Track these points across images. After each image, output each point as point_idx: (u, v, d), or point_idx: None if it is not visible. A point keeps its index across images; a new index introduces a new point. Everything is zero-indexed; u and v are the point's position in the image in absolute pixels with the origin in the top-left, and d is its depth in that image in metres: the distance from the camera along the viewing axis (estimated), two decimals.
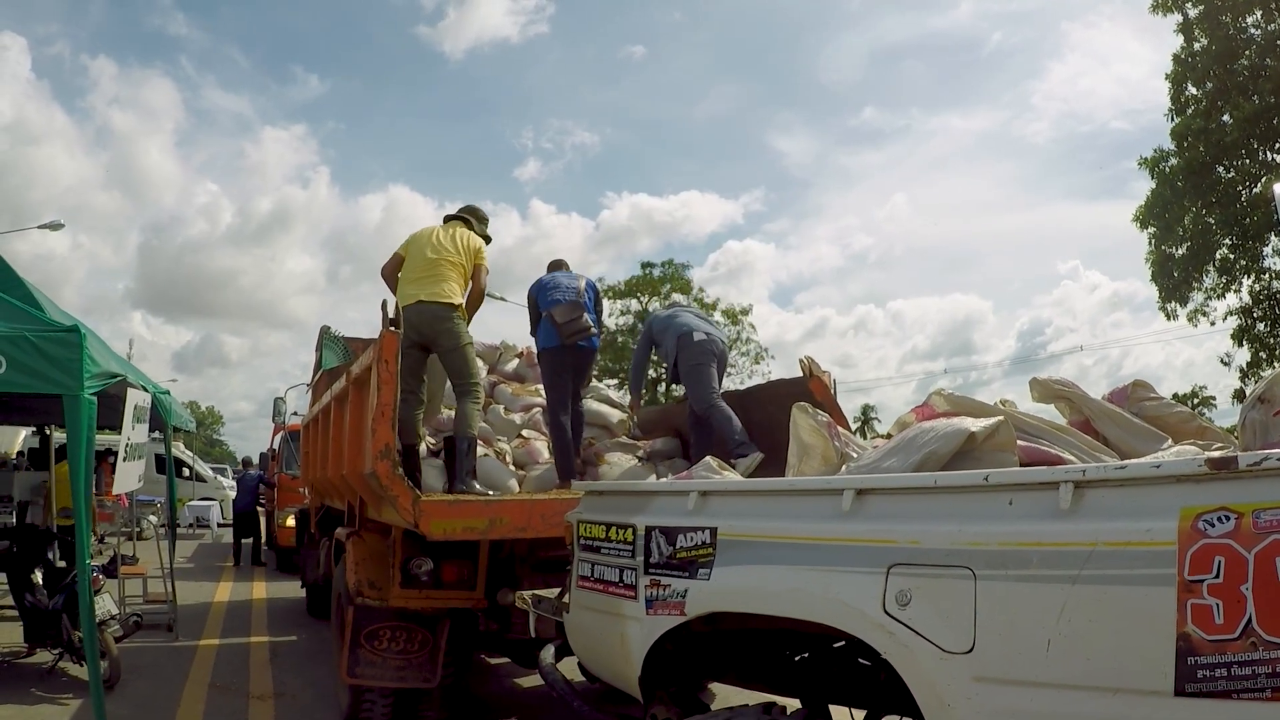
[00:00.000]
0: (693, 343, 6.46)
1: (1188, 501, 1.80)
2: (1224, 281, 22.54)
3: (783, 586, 2.51)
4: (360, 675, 5.22)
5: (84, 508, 5.88)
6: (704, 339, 6.50)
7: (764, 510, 2.72)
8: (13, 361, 5.39)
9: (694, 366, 6.42)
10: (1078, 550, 1.90)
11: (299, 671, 7.75)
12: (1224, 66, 21.29)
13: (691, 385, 6.45)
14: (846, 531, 2.39)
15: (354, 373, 5.59)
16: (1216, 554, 1.73)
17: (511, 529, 4.70)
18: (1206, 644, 1.72)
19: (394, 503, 4.56)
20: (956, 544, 2.12)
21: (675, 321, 6.71)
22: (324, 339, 9.64)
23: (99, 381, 5.88)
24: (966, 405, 3.14)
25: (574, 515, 3.59)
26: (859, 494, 2.41)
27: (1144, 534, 1.82)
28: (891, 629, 2.22)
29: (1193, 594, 1.75)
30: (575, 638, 3.58)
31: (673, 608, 2.87)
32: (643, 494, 3.29)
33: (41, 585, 7.24)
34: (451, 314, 5.73)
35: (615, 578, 3.15)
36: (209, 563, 16.79)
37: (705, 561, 2.78)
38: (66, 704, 6.49)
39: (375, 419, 4.62)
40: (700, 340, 6.48)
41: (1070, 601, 1.90)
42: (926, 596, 2.17)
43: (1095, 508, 1.93)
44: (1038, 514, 2.01)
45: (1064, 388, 3.49)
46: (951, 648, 2.09)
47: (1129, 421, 3.33)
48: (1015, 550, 2.01)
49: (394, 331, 4.77)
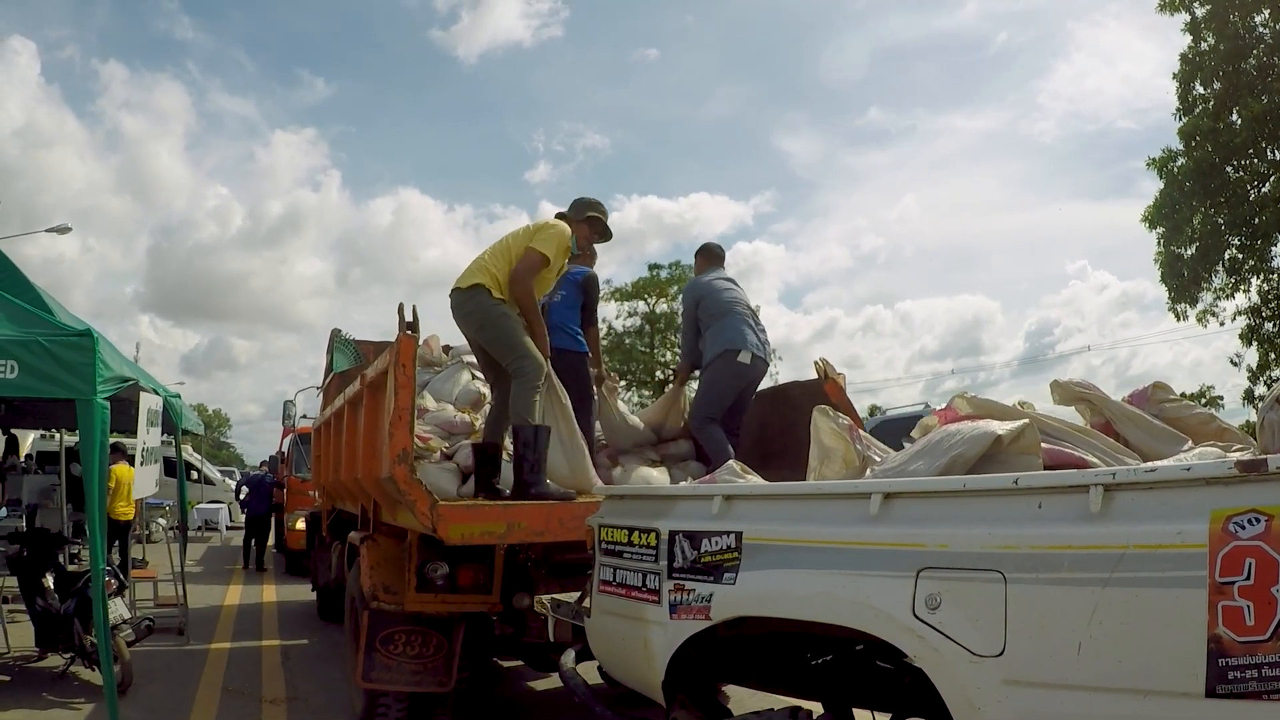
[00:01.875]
0: (734, 363, 6.28)
1: (1218, 504, 1.81)
2: (1233, 282, 22.54)
3: (811, 590, 2.52)
4: (375, 679, 5.22)
5: (97, 512, 5.89)
6: (744, 366, 6.30)
7: (791, 514, 2.72)
8: (26, 366, 5.44)
9: (715, 380, 6.35)
10: (1109, 553, 1.91)
11: (311, 675, 7.78)
12: (1232, 66, 21.23)
13: (700, 395, 6.41)
14: (875, 535, 2.39)
15: (369, 376, 5.59)
16: (1247, 556, 1.74)
17: (529, 533, 4.70)
18: (1238, 645, 1.73)
19: (411, 507, 4.56)
20: (986, 547, 2.13)
21: (727, 325, 6.42)
22: (334, 342, 9.72)
23: (111, 386, 5.91)
24: (990, 408, 3.15)
25: (595, 519, 3.59)
26: (887, 497, 2.42)
27: (1175, 536, 1.83)
28: (921, 633, 2.22)
29: (1224, 596, 1.75)
30: (597, 642, 3.58)
31: (697, 612, 2.88)
32: (666, 498, 3.29)
33: (53, 589, 7.26)
34: (464, 299, 5.40)
35: (638, 582, 3.15)
36: (218, 566, 16.85)
37: (731, 566, 2.78)
38: (79, 708, 6.50)
39: (392, 423, 4.62)
40: (741, 366, 6.30)
41: (1101, 604, 1.90)
42: (956, 600, 2.17)
43: (1125, 510, 1.94)
44: (1068, 517, 2.01)
45: (1085, 390, 3.51)
46: (982, 651, 2.10)
47: (1150, 424, 3.35)
48: (1046, 553, 2.02)
49: (411, 335, 4.77)
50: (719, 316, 6.46)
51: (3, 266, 6.51)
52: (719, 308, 6.49)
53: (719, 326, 6.42)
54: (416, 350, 4.81)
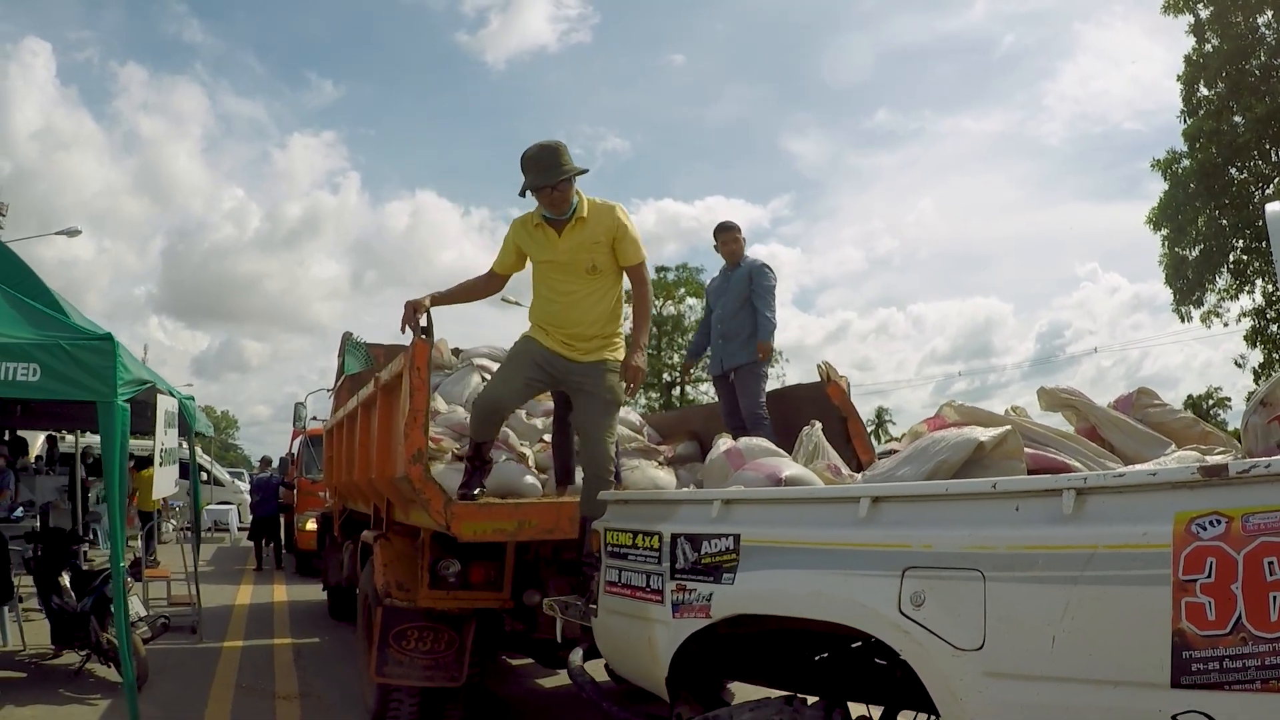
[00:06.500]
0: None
1: (1182, 506, 1.91)
2: (1237, 283, 22.56)
3: (804, 590, 2.63)
4: (389, 674, 5.32)
5: (118, 511, 6.02)
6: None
7: (785, 518, 2.83)
8: (48, 369, 5.53)
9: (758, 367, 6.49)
10: (1080, 553, 2.01)
11: (323, 672, 7.87)
12: (1235, 67, 21.30)
13: (752, 385, 6.48)
14: (863, 537, 2.50)
15: (383, 379, 5.70)
16: (1208, 555, 1.84)
17: (540, 531, 4.80)
18: (1200, 639, 1.83)
19: (426, 506, 4.67)
20: (967, 548, 2.23)
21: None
22: (346, 345, 9.81)
23: (131, 388, 6.01)
24: (976, 415, 3.28)
25: (601, 523, 3.71)
26: (875, 501, 2.52)
27: (1141, 537, 1.94)
28: (907, 628, 2.33)
29: (1187, 593, 1.86)
30: (603, 641, 3.69)
31: (698, 611, 2.99)
32: (667, 503, 3.41)
33: (69, 587, 7.33)
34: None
35: (642, 583, 3.27)
36: (229, 566, 16.94)
37: (730, 566, 2.89)
38: (96, 704, 6.59)
39: (408, 424, 4.73)
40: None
41: (1073, 601, 2.01)
42: (939, 597, 2.28)
43: (1096, 513, 2.04)
44: (1042, 519, 2.12)
45: (1070, 396, 3.63)
46: (963, 645, 2.20)
47: (1133, 428, 3.46)
48: (1022, 553, 2.12)
49: (425, 340, 4.87)
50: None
51: (19, 270, 6.56)
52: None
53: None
54: (431, 354, 4.91)
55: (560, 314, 4.82)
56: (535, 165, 4.64)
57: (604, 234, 4.74)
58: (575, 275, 4.79)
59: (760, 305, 6.53)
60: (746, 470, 3.45)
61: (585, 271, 4.77)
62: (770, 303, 6.55)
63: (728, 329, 6.67)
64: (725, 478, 3.52)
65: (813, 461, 3.64)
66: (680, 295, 40.77)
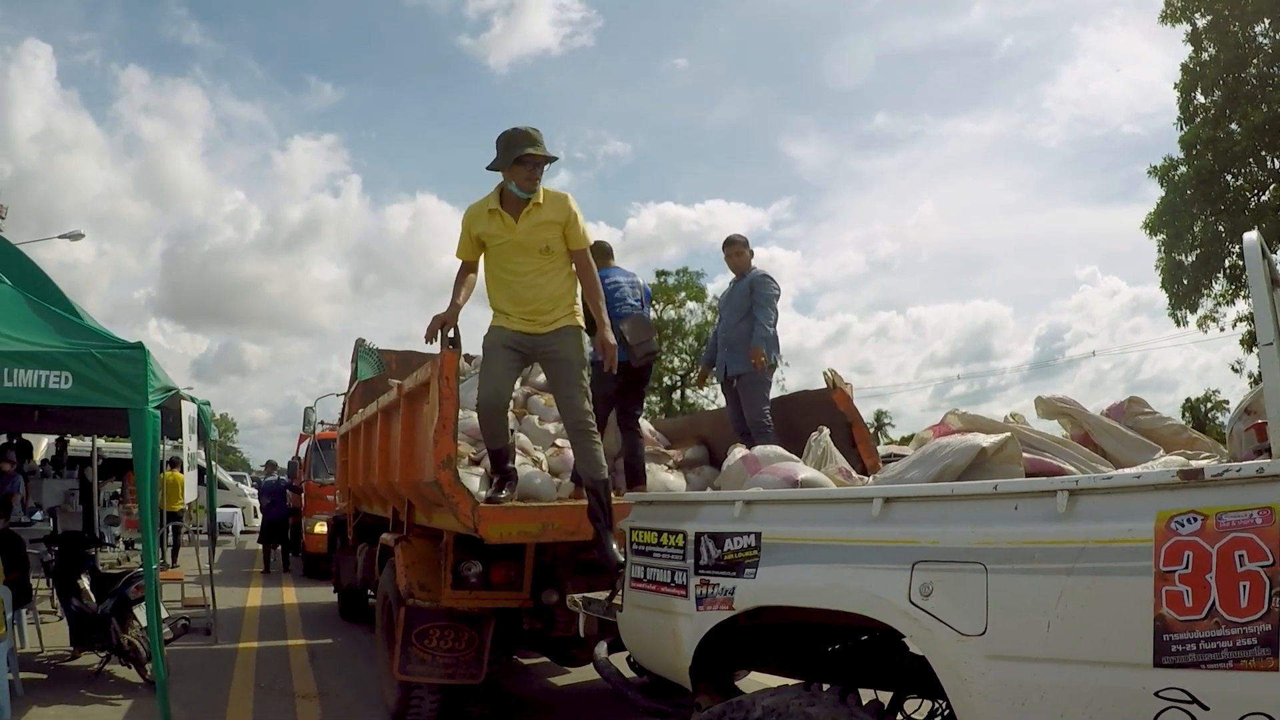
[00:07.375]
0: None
1: (1163, 506, 2.10)
2: (1233, 288, 22.75)
3: (821, 582, 2.84)
4: (411, 672, 5.46)
5: (149, 514, 6.20)
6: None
7: (804, 517, 3.03)
8: (80, 377, 5.65)
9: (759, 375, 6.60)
10: (1072, 548, 2.21)
11: (339, 672, 7.99)
12: (1232, 75, 21.48)
13: (753, 393, 6.59)
14: (876, 534, 2.70)
15: (407, 387, 5.84)
16: (1186, 549, 2.04)
17: (563, 533, 4.96)
18: (1179, 624, 2.03)
19: (454, 509, 4.82)
20: (971, 543, 2.43)
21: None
22: (359, 352, 9.90)
23: (160, 395, 6.17)
24: (979, 423, 3.51)
25: (626, 523, 3.91)
26: (887, 502, 2.73)
27: (1126, 533, 2.14)
28: (916, 616, 2.53)
29: (1167, 582, 2.05)
30: (629, 634, 3.86)
31: (721, 604, 3.18)
32: (691, 503, 3.60)
33: (88, 590, 7.42)
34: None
35: (667, 579, 3.45)
36: (236, 569, 17.03)
37: (751, 562, 3.09)
38: (118, 704, 6.71)
39: (437, 431, 4.88)
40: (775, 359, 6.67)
41: (1066, 590, 2.21)
42: (945, 588, 2.48)
43: (1086, 512, 2.24)
44: (1039, 517, 2.32)
45: (1065, 405, 3.85)
46: (967, 631, 2.40)
47: (1124, 435, 3.67)
48: (1020, 548, 2.32)
49: (453, 350, 5.04)
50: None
51: (36, 276, 6.72)
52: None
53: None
54: (458, 364, 5.08)
55: (519, 292, 5.10)
56: (527, 138, 4.95)
57: (558, 218, 5.06)
58: (530, 255, 5.07)
59: (758, 314, 6.69)
60: (763, 474, 3.66)
61: (539, 251, 5.07)
62: (767, 312, 6.71)
63: (730, 338, 6.84)
64: (742, 483, 3.73)
65: (823, 466, 3.86)
66: (681, 299, 40.90)
